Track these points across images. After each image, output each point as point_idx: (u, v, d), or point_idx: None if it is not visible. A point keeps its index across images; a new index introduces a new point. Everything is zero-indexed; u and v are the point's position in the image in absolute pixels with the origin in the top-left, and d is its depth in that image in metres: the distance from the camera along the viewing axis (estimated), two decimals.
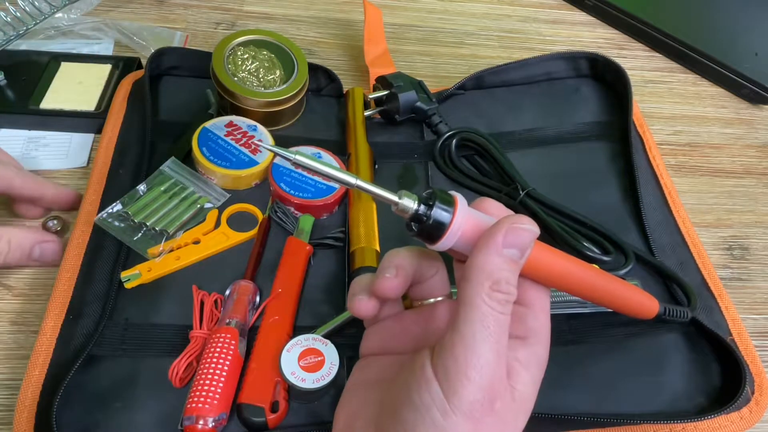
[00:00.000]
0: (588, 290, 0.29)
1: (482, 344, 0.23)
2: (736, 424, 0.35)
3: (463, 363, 0.23)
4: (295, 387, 0.33)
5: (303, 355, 0.34)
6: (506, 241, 0.25)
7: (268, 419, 0.32)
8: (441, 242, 0.26)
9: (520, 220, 0.25)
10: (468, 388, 0.23)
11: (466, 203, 0.26)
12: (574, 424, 0.34)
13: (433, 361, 0.24)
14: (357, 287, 0.30)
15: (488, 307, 0.24)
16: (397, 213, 0.26)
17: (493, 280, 0.24)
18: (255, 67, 0.47)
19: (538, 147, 0.49)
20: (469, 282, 0.25)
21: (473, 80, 0.52)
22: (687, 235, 0.44)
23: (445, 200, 0.25)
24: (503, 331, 0.24)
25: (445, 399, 0.23)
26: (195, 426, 0.31)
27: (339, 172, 0.25)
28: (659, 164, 0.48)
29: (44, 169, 0.46)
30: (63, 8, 0.53)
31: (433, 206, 0.25)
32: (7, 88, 0.48)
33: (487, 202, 0.28)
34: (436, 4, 0.66)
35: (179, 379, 0.33)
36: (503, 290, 0.24)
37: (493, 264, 0.24)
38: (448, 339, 0.24)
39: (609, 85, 0.53)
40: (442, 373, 0.24)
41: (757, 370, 0.37)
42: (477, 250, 0.25)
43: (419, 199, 0.26)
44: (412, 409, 0.24)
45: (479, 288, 0.24)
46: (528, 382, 0.26)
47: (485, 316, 0.24)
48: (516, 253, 0.25)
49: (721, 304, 0.40)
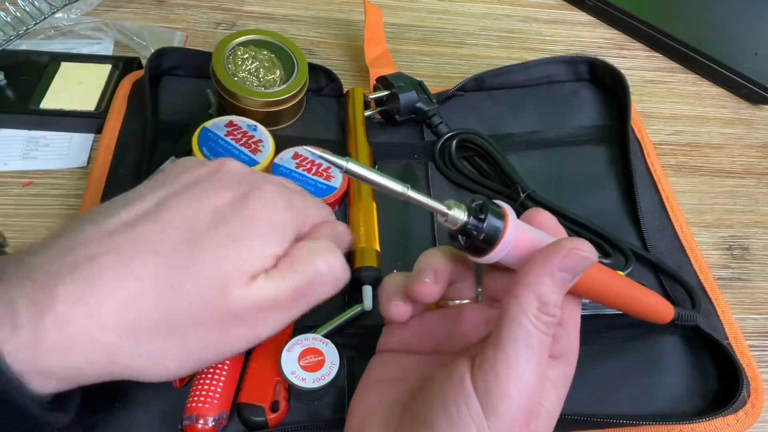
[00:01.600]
0: (617, 298, 0.29)
1: (526, 364, 0.23)
2: (733, 426, 0.35)
3: (506, 381, 0.23)
4: (296, 386, 0.33)
5: (303, 354, 0.34)
6: (563, 264, 0.24)
7: (268, 419, 0.32)
8: (488, 256, 0.25)
9: (581, 246, 0.24)
10: (508, 406, 0.23)
11: (515, 215, 0.26)
12: (573, 424, 0.34)
13: (473, 374, 0.24)
14: (391, 290, 0.29)
15: (533, 327, 0.24)
16: (444, 225, 0.25)
17: (542, 302, 0.24)
18: (255, 67, 0.47)
19: (537, 149, 0.49)
20: (516, 299, 0.24)
21: (473, 82, 0.52)
22: (684, 240, 0.44)
23: (496, 213, 0.25)
24: (545, 352, 0.24)
25: (483, 416, 0.23)
26: (195, 425, 0.31)
27: (390, 182, 0.24)
28: (657, 169, 0.48)
29: (44, 169, 0.46)
30: (63, 8, 0.53)
31: (484, 219, 0.25)
32: (7, 88, 0.48)
33: (540, 214, 0.28)
34: (436, 4, 0.66)
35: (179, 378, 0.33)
36: (550, 312, 0.24)
37: (545, 285, 0.24)
38: (491, 355, 0.24)
39: (608, 89, 0.53)
40: (483, 389, 0.23)
41: (752, 374, 0.37)
42: (529, 269, 0.25)
43: (469, 210, 0.25)
44: (448, 421, 0.23)
45: (527, 307, 0.24)
46: (555, 401, 0.26)
47: (531, 335, 0.24)
48: (568, 277, 0.25)
49: (718, 308, 0.41)
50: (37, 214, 0.43)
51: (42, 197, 0.44)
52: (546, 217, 0.27)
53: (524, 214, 0.28)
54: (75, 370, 0.24)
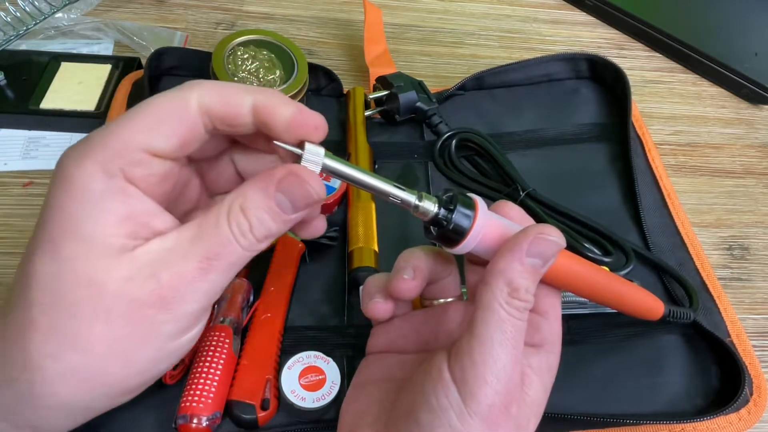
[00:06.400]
0: (600, 293, 0.29)
1: (500, 348, 0.24)
2: (735, 425, 0.35)
3: (482, 367, 0.23)
4: (295, 406, 0.33)
5: (304, 373, 0.34)
6: (530, 250, 0.25)
7: (259, 416, 0.32)
8: (460, 246, 0.26)
9: (547, 231, 0.25)
10: (486, 391, 0.23)
11: (486, 207, 0.26)
12: (573, 424, 0.34)
13: (450, 364, 0.24)
14: (372, 288, 0.30)
15: (506, 312, 0.24)
16: (416, 216, 0.26)
17: (512, 287, 0.24)
18: (255, 67, 0.47)
19: (537, 148, 0.49)
20: (488, 286, 0.25)
21: (473, 81, 0.52)
22: (686, 237, 0.44)
23: (466, 203, 0.25)
24: (520, 336, 0.24)
25: (462, 402, 0.23)
26: (189, 425, 0.31)
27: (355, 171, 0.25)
28: (658, 166, 0.48)
29: (44, 169, 0.46)
30: (63, 8, 0.53)
31: (454, 210, 0.25)
32: (7, 88, 0.48)
33: (507, 206, 0.28)
34: (436, 4, 0.66)
35: (169, 375, 0.33)
36: (522, 298, 0.24)
37: (515, 271, 0.24)
38: (466, 342, 0.24)
39: (608, 86, 0.53)
40: (460, 376, 0.24)
41: (755, 372, 0.37)
42: (499, 256, 0.25)
43: (439, 201, 0.25)
44: (429, 411, 0.24)
45: (498, 293, 0.24)
46: (539, 389, 0.26)
47: (503, 321, 0.24)
48: (538, 262, 0.25)
49: (720, 305, 0.40)
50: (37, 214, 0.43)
51: (42, 197, 0.43)
52: (514, 210, 0.28)
53: (492, 206, 0.28)
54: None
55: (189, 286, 0.23)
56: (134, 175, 0.23)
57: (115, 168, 0.23)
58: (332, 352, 0.35)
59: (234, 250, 0.24)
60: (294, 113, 0.24)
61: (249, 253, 0.24)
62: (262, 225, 0.24)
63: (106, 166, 0.23)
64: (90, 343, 0.22)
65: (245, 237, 0.24)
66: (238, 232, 0.23)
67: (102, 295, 0.22)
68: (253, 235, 0.24)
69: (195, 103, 0.24)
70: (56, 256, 0.22)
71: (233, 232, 0.23)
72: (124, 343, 0.23)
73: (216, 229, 0.23)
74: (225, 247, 0.23)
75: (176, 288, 0.23)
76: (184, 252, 0.23)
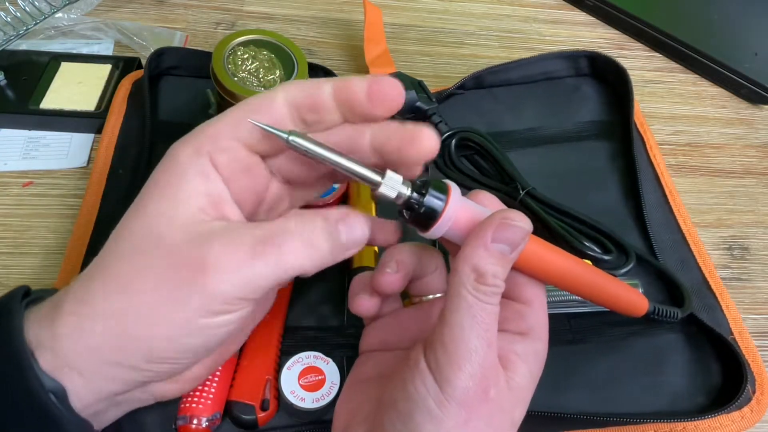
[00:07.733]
0: (578, 285, 0.29)
1: (470, 333, 0.24)
2: (737, 423, 0.35)
3: (453, 352, 0.24)
4: (294, 407, 0.33)
5: (303, 373, 0.34)
6: (495, 236, 0.25)
7: (258, 417, 0.32)
8: (432, 230, 0.26)
9: (511, 216, 0.25)
10: (459, 376, 0.24)
11: (459, 192, 0.26)
12: (574, 423, 0.34)
13: (425, 353, 0.25)
14: (358, 286, 0.31)
15: (474, 298, 0.24)
16: (387, 198, 0.26)
17: (478, 273, 0.24)
18: (255, 67, 0.47)
19: (538, 146, 0.49)
20: (455, 273, 0.25)
21: (473, 80, 0.52)
22: (688, 234, 0.44)
23: (439, 188, 0.26)
24: (492, 319, 0.25)
25: (438, 388, 0.24)
26: (189, 426, 0.31)
27: (335, 155, 0.25)
28: (660, 163, 0.48)
29: (44, 169, 0.46)
30: (63, 8, 0.53)
31: (426, 194, 0.25)
32: (7, 88, 0.48)
33: (481, 194, 0.28)
34: (436, 4, 0.66)
35: None
36: (489, 283, 0.24)
37: (479, 257, 0.25)
38: (438, 330, 0.25)
39: (609, 83, 0.53)
40: (434, 363, 0.24)
41: (758, 369, 0.37)
42: (466, 243, 0.25)
43: (413, 186, 0.26)
44: (408, 400, 0.24)
45: (465, 279, 0.24)
46: (525, 374, 0.26)
47: (471, 306, 0.24)
48: (506, 248, 0.25)
49: (722, 303, 0.40)
50: (37, 214, 0.43)
51: (42, 197, 0.44)
52: (489, 198, 0.28)
53: (468, 194, 0.28)
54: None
55: (231, 264, 0.24)
56: (219, 160, 0.26)
57: (204, 150, 0.26)
58: (332, 353, 0.35)
59: (292, 248, 0.25)
60: (370, 82, 0.26)
61: (305, 262, 0.26)
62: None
63: (198, 147, 0.26)
64: (137, 290, 0.24)
65: (303, 236, 0.26)
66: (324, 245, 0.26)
67: (159, 247, 0.24)
68: (311, 243, 0.26)
69: (281, 98, 0.26)
70: (140, 214, 0.25)
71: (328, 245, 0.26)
72: (159, 300, 0.24)
73: (277, 226, 0.25)
74: (285, 240, 0.25)
75: (219, 259, 0.24)
76: (241, 235, 0.25)
